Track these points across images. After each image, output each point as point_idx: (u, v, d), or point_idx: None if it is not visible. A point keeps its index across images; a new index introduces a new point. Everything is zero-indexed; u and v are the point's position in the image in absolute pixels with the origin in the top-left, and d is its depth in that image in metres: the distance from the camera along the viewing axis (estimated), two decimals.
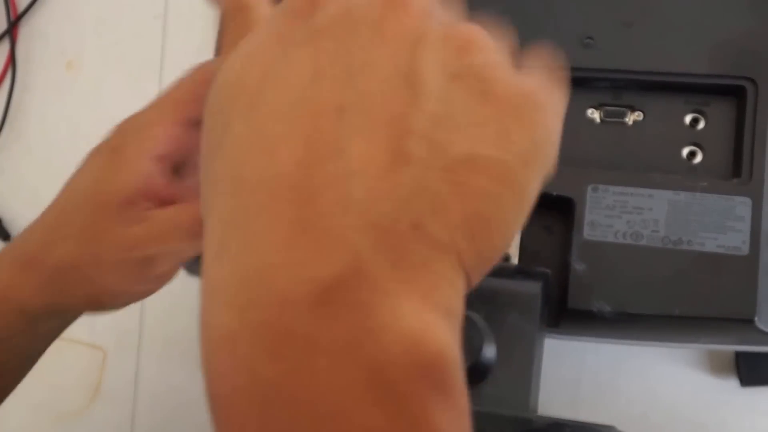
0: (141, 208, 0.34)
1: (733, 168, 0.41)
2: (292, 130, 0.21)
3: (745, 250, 0.39)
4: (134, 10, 0.62)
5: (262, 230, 0.20)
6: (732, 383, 0.49)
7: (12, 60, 0.63)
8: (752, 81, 0.41)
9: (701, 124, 0.42)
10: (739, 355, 0.48)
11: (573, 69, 0.42)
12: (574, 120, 0.43)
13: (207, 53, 0.54)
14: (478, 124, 0.21)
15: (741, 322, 0.39)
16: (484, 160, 0.21)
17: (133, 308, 0.43)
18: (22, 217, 0.62)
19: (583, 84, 0.43)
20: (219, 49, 0.33)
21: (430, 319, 0.19)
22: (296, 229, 0.20)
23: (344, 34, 0.22)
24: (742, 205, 0.39)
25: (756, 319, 0.39)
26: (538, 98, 0.23)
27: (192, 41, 0.61)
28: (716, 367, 0.49)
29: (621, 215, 0.40)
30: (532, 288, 0.38)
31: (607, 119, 0.43)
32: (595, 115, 0.44)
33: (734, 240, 0.39)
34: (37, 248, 0.35)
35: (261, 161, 0.21)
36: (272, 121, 0.21)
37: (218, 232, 0.21)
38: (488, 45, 0.23)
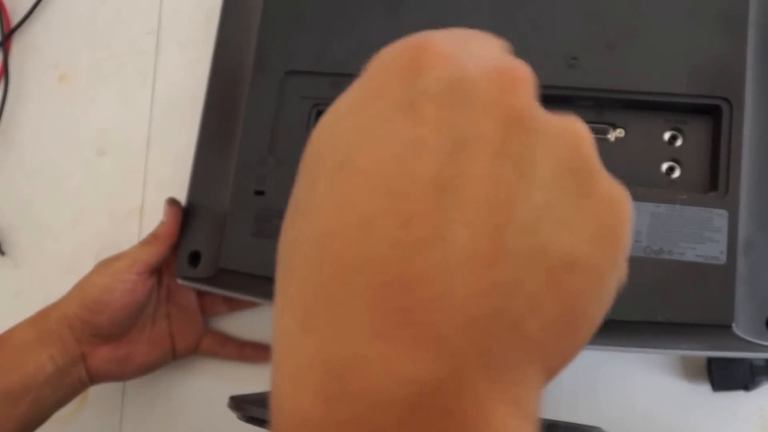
0: None
1: (710, 182, 0.43)
2: (388, 205, 0.19)
3: (722, 259, 0.41)
4: (128, 25, 0.64)
5: (354, 315, 0.18)
6: (704, 388, 0.51)
7: (5, 72, 0.63)
8: (727, 101, 0.43)
9: (679, 141, 0.45)
10: (711, 361, 0.50)
11: (559, 87, 0.45)
12: None
13: (199, 69, 0.56)
14: (579, 221, 0.20)
15: (719, 328, 0.41)
16: (583, 261, 0.20)
17: None
18: (13, 227, 0.62)
19: (567, 102, 0.46)
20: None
21: (521, 429, 0.19)
22: (391, 321, 0.18)
23: (452, 104, 0.20)
24: (719, 217, 0.42)
25: (733, 325, 0.41)
26: (627, 201, 0.22)
27: (184, 57, 0.62)
28: (689, 372, 0.52)
29: None
30: None
31: (598, 136, 0.46)
32: None
33: (712, 250, 0.41)
34: None
35: (353, 236, 0.19)
36: (365, 191, 0.19)
37: (300, 306, 0.20)
38: (593, 144, 0.22)
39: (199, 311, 0.56)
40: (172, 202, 0.51)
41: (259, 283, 0.47)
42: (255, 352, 0.57)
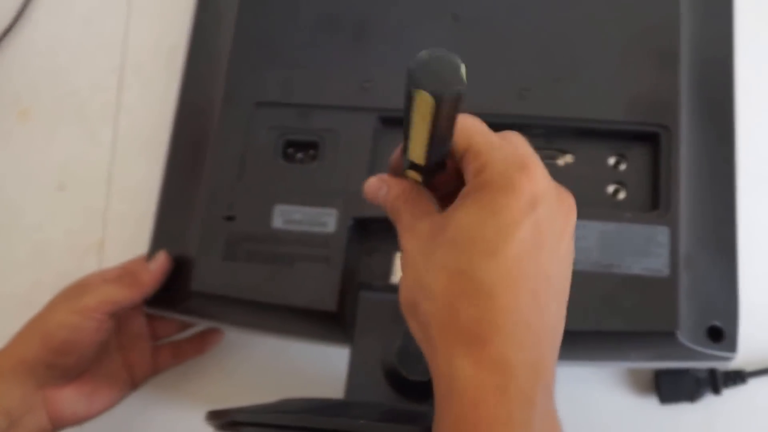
0: None
1: (653, 202, 0.47)
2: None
3: (665, 272, 0.45)
4: (91, 61, 0.65)
5: None
6: (652, 402, 0.54)
7: None
8: (665, 127, 0.47)
9: (623, 165, 0.48)
10: (658, 375, 0.53)
11: (511, 116, 0.48)
12: None
13: (161, 105, 0.58)
14: None
15: (664, 336, 0.44)
16: None
17: None
18: None
19: (519, 130, 0.49)
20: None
21: None
22: None
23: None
24: (661, 234, 0.45)
25: (677, 332, 0.44)
26: None
27: (148, 95, 0.63)
28: (637, 387, 0.54)
29: None
30: None
31: (542, 161, 0.49)
32: None
33: (657, 263, 0.45)
34: None
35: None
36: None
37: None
38: None
39: (150, 337, 0.55)
40: (168, 256, 0.50)
41: (228, 307, 0.49)
42: (213, 337, 0.56)
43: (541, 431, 0.31)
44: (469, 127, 0.34)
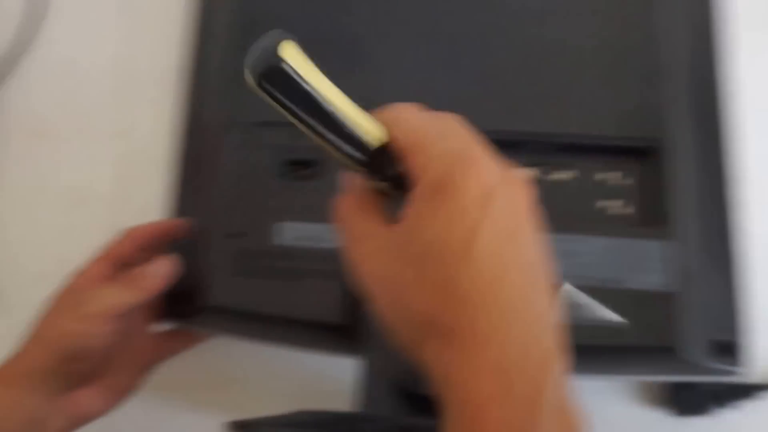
0: None
1: (649, 216, 0.47)
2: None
3: (663, 287, 0.45)
4: (96, 83, 0.66)
5: None
6: (670, 414, 0.53)
7: None
8: (658, 140, 0.48)
9: (617, 180, 0.49)
10: (676, 387, 0.52)
11: (504, 132, 0.49)
12: None
13: (167, 124, 0.58)
14: None
15: (664, 351, 0.44)
16: None
17: None
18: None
19: (513, 146, 0.47)
20: None
21: None
22: None
23: None
24: (658, 248, 0.46)
25: (677, 348, 0.44)
26: None
27: (151, 112, 0.64)
28: (655, 399, 0.53)
29: (559, 259, 0.45)
30: None
31: (542, 177, 0.49)
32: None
33: (654, 278, 0.45)
34: None
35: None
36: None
37: None
38: None
39: (149, 319, 0.53)
40: (173, 261, 0.50)
41: (241, 322, 0.50)
42: None
43: (549, 430, 0.31)
44: (401, 125, 0.34)
